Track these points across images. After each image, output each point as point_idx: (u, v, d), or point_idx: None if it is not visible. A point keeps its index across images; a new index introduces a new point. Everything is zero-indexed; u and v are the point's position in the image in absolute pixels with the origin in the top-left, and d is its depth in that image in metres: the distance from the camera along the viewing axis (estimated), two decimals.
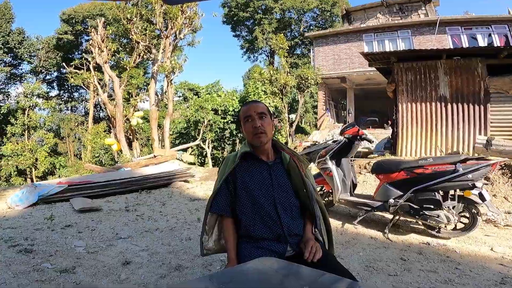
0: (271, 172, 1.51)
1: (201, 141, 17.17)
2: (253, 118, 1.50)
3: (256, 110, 1.51)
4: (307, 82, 15.41)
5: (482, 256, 2.83)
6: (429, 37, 14.78)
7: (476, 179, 2.97)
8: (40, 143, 19.53)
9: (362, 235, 3.39)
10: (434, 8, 16.72)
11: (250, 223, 1.45)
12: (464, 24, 14.46)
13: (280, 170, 1.53)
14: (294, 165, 1.53)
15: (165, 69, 12.89)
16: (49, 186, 4.88)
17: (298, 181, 1.51)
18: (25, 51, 21.99)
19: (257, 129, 1.47)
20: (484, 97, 6.68)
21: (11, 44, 20.70)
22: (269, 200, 1.46)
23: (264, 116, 1.51)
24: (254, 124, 1.48)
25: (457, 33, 14.53)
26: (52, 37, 24.41)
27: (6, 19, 20.67)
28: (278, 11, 28.11)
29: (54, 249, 2.72)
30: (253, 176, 1.51)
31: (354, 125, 3.90)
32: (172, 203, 4.93)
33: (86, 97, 27.16)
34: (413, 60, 7.42)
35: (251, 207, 1.46)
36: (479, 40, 14.10)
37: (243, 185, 1.50)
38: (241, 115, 1.55)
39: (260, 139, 1.48)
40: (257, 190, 1.47)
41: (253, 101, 1.59)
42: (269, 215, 1.43)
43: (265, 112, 1.52)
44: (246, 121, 1.52)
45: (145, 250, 2.85)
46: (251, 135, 1.50)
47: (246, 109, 1.54)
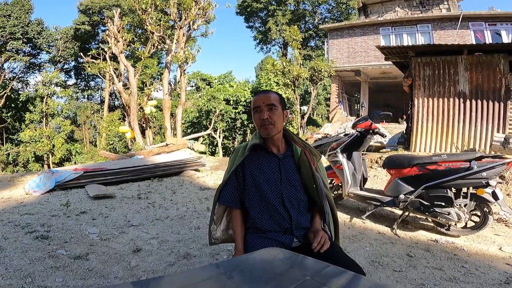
0: (281, 165, 1.49)
1: (212, 131, 17.30)
2: (261, 109, 1.47)
3: (265, 101, 1.47)
4: (320, 75, 15.23)
5: (489, 255, 2.79)
6: (450, 32, 14.31)
7: (490, 178, 2.90)
8: (57, 130, 20.06)
9: (370, 230, 3.38)
10: (457, 3, 16.13)
11: (257, 216, 1.46)
12: (489, 19, 13.93)
13: (290, 164, 1.51)
14: (305, 158, 1.49)
15: (179, 59, 12.97)
16: (66, 172, 5.02)
17: (308, 175, 1.49)
18: (44, 41, 22.27)
19: (264, 121, 1.45)
20: (505, 94, 6.48)
21: (30, 35, 20.98)
22: (277, 195, 1.45)
23: (274, 108, 1.46)
24: (262, 115, 1.46)
25: (480, 29, 14.00)
26: (70, 28, 24.74)
27: (25, 10, 20.92)
28: (293, 2, 27.68)
29: (69, 235, 2.80)
30: (262, 169, 1.49)
31: (367, 119, 3.83)
32: (182, 191, 5.00)
33: (102, 86, 27.65)
34: (432, 55, 7.23)
35: (259, 201, 1.46)
36: (503, 36, 13.58)
37: (252, 178, 1.49)
38: (252, 105, 1.53)
39: (267, 131, 1.46)
40: (265, 184, 1.46)
41: (264, 91, 1.54)
42: (276, 209, 1.44)
43: (275, 103, 1.47)
44: (255, 112, 1.50)
45: (155, 238, 2.93)
46: (259, 126, 1.48)
47: (256, 99, 1.51)
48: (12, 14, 20.11)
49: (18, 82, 22.74)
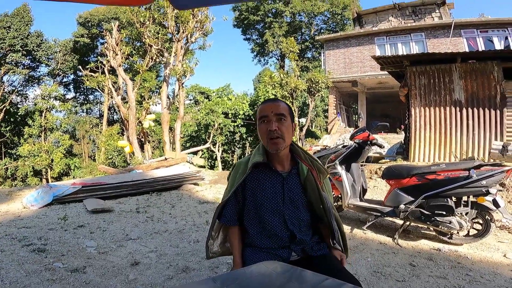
0: (284, 185, 1.38)
1: (211, 145, 17.29)
2: (269, 119, 1.32)
3: (274, 110, 1.32)
4: (318, 86, 15.36)
5: (494, 263, 2.76)
6: (443, 40, 14.50)
7: (490, 186, 2.92)
8: (56, 145, 20.08)
9: (371, 240, 3.35)
10: (448, 11, 16.36)
11: (256, 235, 1.41)
12: (480, 26, 14.14)
13: (294, 183, 1.40)
14: (312, 178, 1.38)
15: (177, 72, 13.11)
16: (64, 187, 5.01)
17: (315, 197, 1.39)
18: (43, 54, 22.37)
19: (272, 133, 1.30)
20: (501, 101, 6.52)
21: (29, 47, 21.08)
22: (278, 217, 1.37)
23: (284, 118, 1.33)
24: (270, 126, 1.31)
25: (472, 36, 14.19)
26: (69, 40, 24.92)
27: (25, 21, 21.02)
28: (289, 14, 28.16)
29: (66, 248, 2.79)
30: (264, 189, 1.38)
31: (365, 130, 3.87)
32: (181, 205, 4.98)
33: (101, 100, 27.80)
34: (426, 64, 7.30)
35: (258, 221, 1.40)
36: (496, 43, 13.75)
37: (253, 197, 1.39)
38: (257, 114, 1.38)
39: (276, 146, 1.31)
40: (266, 204, 1.37)
41: (273, 100, 1.41)
42: (277, 231, 1.37)
43: (285, 113, 1.34)
44: (261, 122, 1.35)
45: (154, 252, 2.90)
46: (266, 139, 1.33)
47: (263, 107, 1.36)
48: (12, 26, 20.25)
49: (17, 95, 22.80)
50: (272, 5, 27.94)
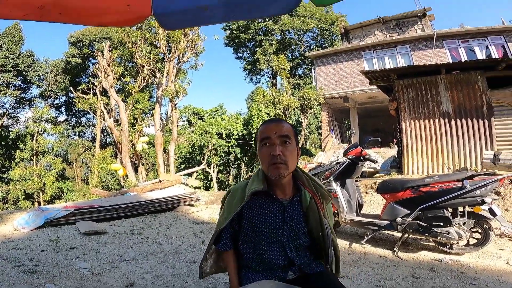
0: (285, 213, 1.28)
1: (206, 166, 17.20)
2: (272, 142, 1.20)
3: (278, 132, 1.20)
4: (310, 103, 15.58)
5: (498, 270, 2.75)
6: (427, 52, 14.82)
7: (485, 195, 2.95)
8: (48, 168, 19.78)
9: (371, 254, 3.31)
10: (429, 22, 16.80)
11: (252, 260, 1.35)
12: (461, 37, 14.48)
13: (296, 211, 1.31)
14: (314, 207, 1.30)
15: (169, 93, 13.13)
16: (56, 210, 4.94)
17: (315, 224, 1.31)
18: (34, 74, 22.06)
19: (275, 158, 1.18)
20: (487, 111, 6.64)
21: (20, 67, 20.81)
22: (277, 246, 1.30)
23: (288, 141, 1.21)
24: (273, 150, 1.18)
25: (454, 47, 14.50)
26: (60, 60, 24.69)
27: (16, 41, 20.79)
28: (279, 32, 28.96)
29: (58, 270, 2.74)
30: (263, 218, 1.28)
31: (357, 146, 3.93)
32: (177, 226, 4.91)
33: (93, 122, 27.63)
34: (413, 76, 7.45)
35: (254, 248, 1.32)
36: (477, 53, 14.03)
37: (250, 225, 1.30)
38: (258, 136, 1.26)
39: (278, 171, 1.19)
40: (264, 234, 1.29)
41: (276, 120, 1.29)
42: (273, 260, 1.31)
43: (290, 135, 1.22)
44: (263, 145, 1.22)
45: (149, 273, 2.82)
46: (267, 165, 1.20)
47: (265, 128, 1.24)
48: (3, 45, 20.08)
49: (8, 118, 22.49)
50: (262, 23, 28.73)
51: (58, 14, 1.37)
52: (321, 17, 28.43)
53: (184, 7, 1.57)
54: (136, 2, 1.49)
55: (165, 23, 1.68)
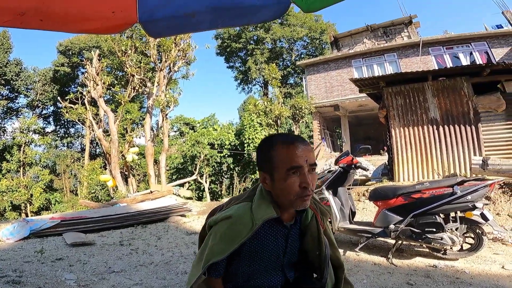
0: (288, 237, 1.18)
1: (198, 176, 17.04)
2: (303, 172, 1.03)
3: (309, 160, 1.05)
4: (301, 112, 15.64)
5: (493, 275, 2.74)
6: (414, 59, 15.03)
7: (476, 200, 2.98)
8: (36, 180, 19.35)
9: (365, 262, 3.28)
10: (415, 29, 17.05)
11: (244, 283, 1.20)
12: (445, 43, 14.72)
13: (296, 233, 1.22)
14: (315, 224, 1.21)
15: (160, 103, 13.03)
16: (41, 221, 4.86)
17: (312, 242, 1.21)
18: (22, 84, 21.58)
19: (306, 191, 1.04)
20: (474, 117, 6.72)
21: (8, 76, 20.36)
22: (276, 269, 1.21)
23: (315, 169, 1.08)
24: (305, 183, 1.03)
25: (440, 53, 14.73)
26: (49, 69, 24.21)
27: (4, 49, 20.34)
28: (269, 41, 29.23)
29: (43, 281, 2.66)
30: (266, 244, 1.15)
31: (348, 154, 3.96)
32: (168, 237, 4.82)
33: (82, 133, 27.19)
34: (401, 84, 7.52)
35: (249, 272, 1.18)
36: (462, 59, 14.25)
37: (250, 251, 1.14)
38: (281, 163, 1.04)
39: (306, 203, 1.07)
40: (264, 259, 1.16)
41: (302, 141, 1.09)
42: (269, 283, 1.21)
43: (315, 162, 1.11)
44: (291, 174, 1.03)
45: (139, 284, 2.74)
46: (295, 196, 1.04)
47: (296, 155, 1.04)
48: None
49: None
50: (253, 32, 28.99)
51: (39, 21, 1.33)
52: (311, 25, 28.88)
53: (170, 14, 1.55)
54: (122, 9, 1.46)
55: (152, 31, 1.66)
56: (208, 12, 1.56)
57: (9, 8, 1.25)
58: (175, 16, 1.56)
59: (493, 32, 14.41)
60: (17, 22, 1.30)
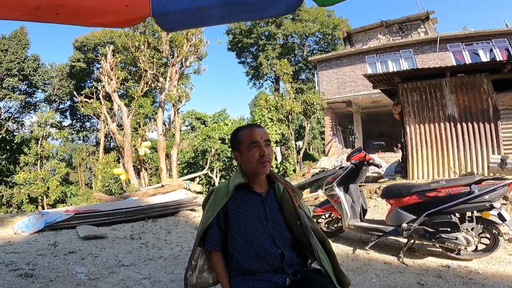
0: (265, 205, 1.42)
1: (208, 170, 17.16)
2: (260, 145, 1.38)
3: (263, 136, 1.40)
4: (313, 108, 15.47)
5: (508, 276, 2.66)
6: (431, 55, 14.66)
7: (494, 200, 2.89)
8: (52, 173, 19.88)
9: (375, 261, 3.22)
10: (433, 25, 16.63)
11: (243, 258, 1.35)
12: (464, 40, 14.31)
13: (273, 202, 1.45)
14: (288, 196, 1.43)
15: (172, 97, 13.15)
16: (56, 214, 4.94)
17: (291, 214, 1.41)
18: (40, 79, 22.06)
19: (264, 158, 1.37)
20: (494, 114, 6.49)
21: (26, 71, 20.84)
22: (266, 235, 1.37)
23: (269, 144, 1.43)
24: (262, 152, 1.37)
25: (458, 50, 14.33)
26: (65, 65, 24.83)
27: (22, 45, 20.82)
28: (281, 36, 28.92)
29: (55, 274, 2.71)
30: (246, 210, 1.40)
31: (361, 150, 3.89)
32: (178, 231, 4.87)
33: (97, 127, 27.75)
34: (417, 80, 7.32)
35: (244, 243, 1.36)
36: (481, 56, 13.82)
37: (236, 220, 1.38)
38: (245, 140, 1.41)
39: (265, 168, 1.39)
40: (250, 225, 1.37)
41: (257, 125, 1.46)
42: (267, 250, 1.35)
43: (270, 139, 1.46)
44: (252, 147, 1.39)
45: (147, 278, 2.77)
46: (256, 163, 1.38)
47: (252, 133, 1.41)
48: (9, 49, 20.18)
49: (13, 122, 22.59)
50: (265, 27, 28.75)
51: (54, 14, 1.36)
52: (324, 21, 28.43)
53: (183, 7, 1.54)
54: (135, 2, 1.46)
55: (164, 24, 1.66)
56: (220, 6, 1.55)
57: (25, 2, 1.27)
58: (187, 10, 1.56)
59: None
60: (33, 16, 1.32)
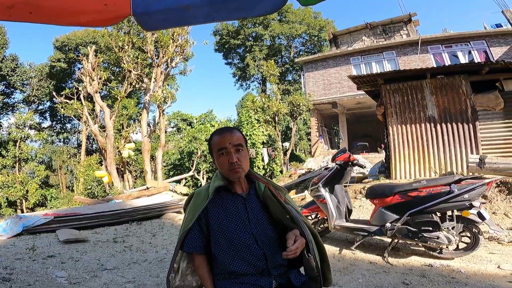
0: (247, 205, 1.38)
1: (195, 172, 16.99)
2: (228, 151, 1.32)
3: (232, 142, 1.32)
4: (299, 109, 15.58)
5: (489, 275, 2.73)
6: (413, 57, 15.00)
7: (473, 199, 2.96)
8: (31, 175, 19.22)
9: (361, 260, 3.26)
10: (415, 28, 17.02)
11: (228, 260, 1.31)
12: (444, 42, 14.71)
13: (254, 203, 1.40)
14: (270, 193, 1.39)
15: (157, 98, 12.93)
16: (35, 217, 4.79)
17: (278, 209, 1.37)
18: (18, 79, 21.46)
19: (233, 165, 1.31)
20: (472, 115, 6.70)
21: (4, 71, 20.23)
22: (249, 236, 1.33)
23: (241, 149, 1.34)
24: (231, 159, 1.31)
25: (438, 52, 14.72)
26: (45, 65, 24.09)
27: (0, 44, 20.23)
28: (268, 37, 29.04)
29: (33, 278, 2.63)
30: (228, 213, 1.36)
31: (346, 151, 3.93)
32: (163, 234, 4.79)
33: (78, 129, 26.99)
34: (399, 81, 7.47)
35: (228, 245, 1.32)
36: (460, 58, 14.22)
37: (217, 222, 1.34)
38: (214, 146, 1.36)
39: (237, 175, 1.33)
40: (233, 226, 1.33)
41: (227, 129, 1.39)
42: (250, 251, 1.31)
43: (242, 143, 1.36)
44: (220, 154, 1.34)
45: (132, 282, 2.71)
46: (227, 171, 1.33)
47: (220, 139, 1.34)
48: None
49: None
50: (252, 28, 28.80)
51: (28, 13, 1.30)
52: (310, 22, 28.74)
53: (165, 6, 1.51)
54: (114, 1, 1.41)
55: (146, 23, 1.61)
56: (204, 5, 1.52)
57: None
58: (169, 9, 1.52)
59: (492, 31, 14.36)
60: (5, 15, 1.27)
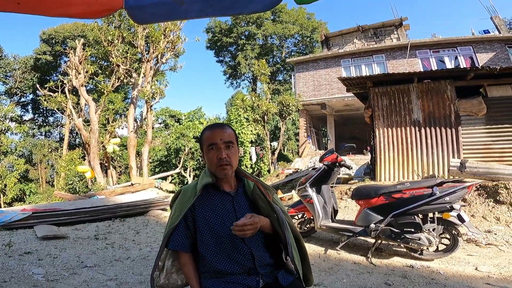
0: (234, 203, 1.37)
1: (182, 169, 16.81)
2: (218, 147, 1.32)
3: (222, 138, 1.33)
4: (289, 109, 15.62)
5: (467, 276, 2.79)
6: (401, 61, 15.24)
7: (454, 201, 3.04)
8: (10, 169, 18.57)
9: (346, 261, 3.29)
10: (405, 32, 17.32)
11: (215, 259, 1.30)
12: (433, 47, 14.98)
13: (243, 201, 1.39)
14: (259, 192, 1.39)
15: (145, 94, 12.74)
16: (12, 213, 4.62)
17: (266, 207, 1.37)
18: (1, 71, 20.94)
19: (222, 161, 1.31)
20: (455, 120, 6.86)
21: None
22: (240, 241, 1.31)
23: (231, 146, 1.34)
24: (220, 154, 1.31)
25: (426, 57, 14.99)
26: (30, 57, 23.48)
27: None
28: (261, 37, 29.04)
29: (9, 275, 2.55)
30: (215, 210, 1.34)
31: (333, 152, 3.96)
32: (147, 231, 4.70)
33: (61, 122, 26.28)
34: (387, 85, 7.60)
35: (215, 243, 1.31)
36: (447, 63, 14.52)
37: (204, 220, 1.33)
38: (205, 141, 1.36)
39: (225, 172, 1.33)
40: (220, 225, 1.31)
41: (219, 125, 1.40)
42: (237, 249, 1.30)
43: (233, 140, 1.36)
44: (210, 149, 1.34)
45: (113, 280, 2.64)
46: (215, 166, 1.33)
47: (211, 135, 1.35)
48: None
49: None
50: (245, 27, 28.72)
51: (16, 4, 1.26)
52: (303, 23, 28.88)
53: (158, 0, 1.47)
54: None
55: (137, 17, 1.58)
56: (197, 0, 1.49)
57: None
58: (162, 3, 1.49)
59: (479, 37, 14.70)
60: None
